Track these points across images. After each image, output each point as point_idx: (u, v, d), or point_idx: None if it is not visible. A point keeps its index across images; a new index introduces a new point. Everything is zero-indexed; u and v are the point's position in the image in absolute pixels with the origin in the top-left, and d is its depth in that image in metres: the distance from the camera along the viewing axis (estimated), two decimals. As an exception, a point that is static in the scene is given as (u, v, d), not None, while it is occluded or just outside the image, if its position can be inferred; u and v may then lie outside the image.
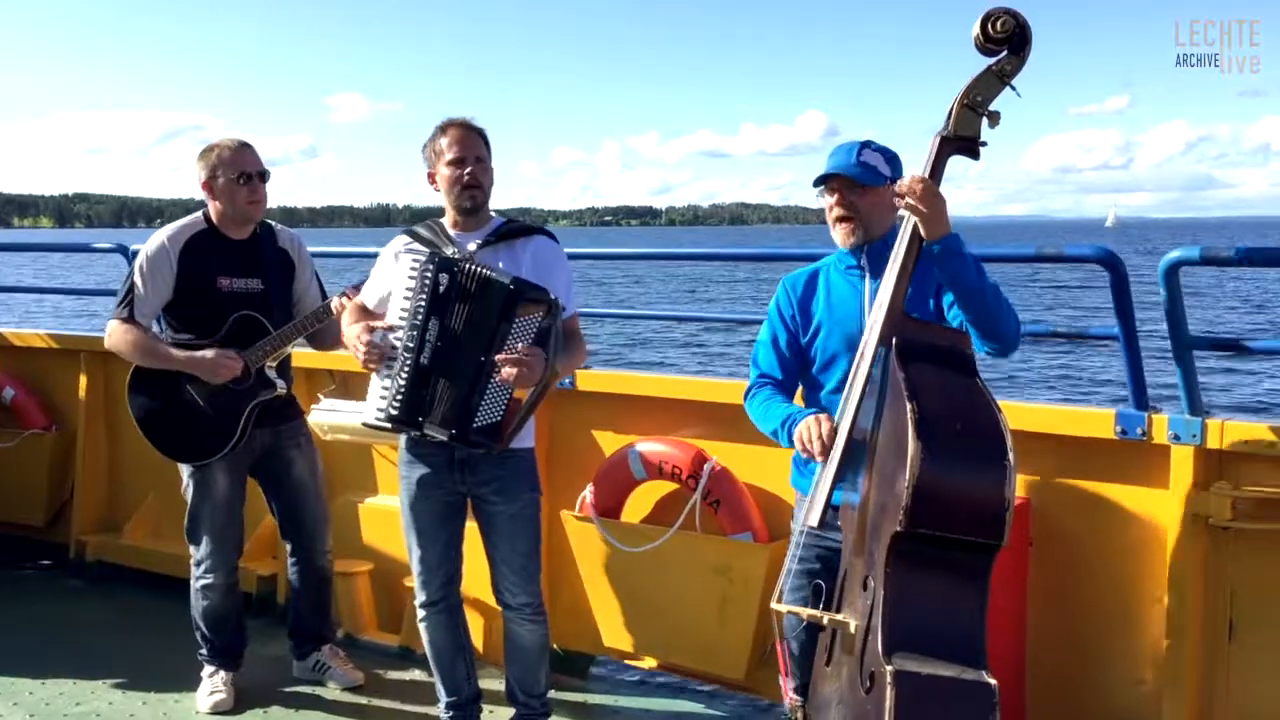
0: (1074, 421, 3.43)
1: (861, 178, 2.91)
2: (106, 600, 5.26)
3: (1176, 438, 3.23)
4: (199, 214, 4.01)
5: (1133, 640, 3.39)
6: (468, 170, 3.37)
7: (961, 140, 2.67)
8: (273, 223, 4.11)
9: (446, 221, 3.48)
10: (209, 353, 3.83)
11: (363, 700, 4.14)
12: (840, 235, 2.97)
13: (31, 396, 5.89)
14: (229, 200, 3.90)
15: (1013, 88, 2.65)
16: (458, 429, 3.25)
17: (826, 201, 2.98)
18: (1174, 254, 3.09)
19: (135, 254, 5.17)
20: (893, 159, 2.98)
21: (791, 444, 2.91)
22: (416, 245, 3.44)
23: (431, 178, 3.46)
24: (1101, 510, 3.41)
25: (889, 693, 2.31)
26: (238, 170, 3.87)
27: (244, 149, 3.92)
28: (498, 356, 3.19)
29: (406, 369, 3.27)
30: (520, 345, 3.19)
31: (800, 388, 3.15)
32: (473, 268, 3.25)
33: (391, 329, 3.32)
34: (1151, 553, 3.32)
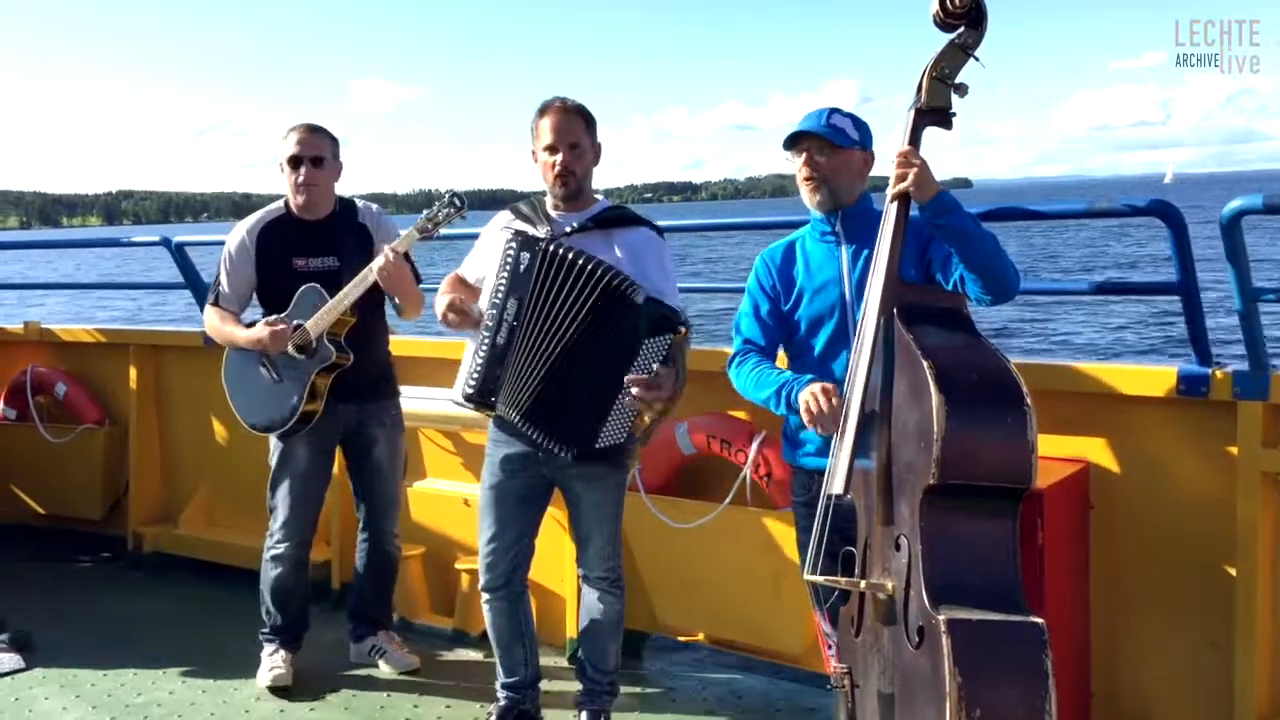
0: (1134, 380, 3.35)
1: (829, 136, 2.99)
2: (165, 591, 5.30)
3: (1241, 393, 3.14)
4: (280, 201, 4.14)
5: (1201, 603, 3.30)
6: (559, 159, 3.31)
7: (934, 111, 2.79)
8: (356, 200, 4.18)
9: (548, 201, 3.42)
10: (259, 328, 3.92)
11: (418, 681, 4.15)
12: (806, 195, 3.06)
13: (84, 391, 5.96)
14: (287, 184, 4.02)
15: (976, 59, 2.76)
16: (580, 447, 3.22)
17: (796, 164, 3.06)
18: (1236, 203, 3.01)
19: (180, 246, 5.32)
20: (861, 125, 3.06)
21: (786, 411, 2.98)
22: (516, 223, 3.39)
23: (533, 155, 3.41)
24: (1165, 471, 3.32)
25: (945, 641, 2.33)
26: (285, 154, 3.99)
27: (291, 134, 4.01)
28: (628, 378, 3.13)
29: (484, 348, 3.26)
30: (655, 365, 3.12)
31: (784, 355, 3.20)
32: (555, 249, 3.18)
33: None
34: (1219, 513, 3.23)
